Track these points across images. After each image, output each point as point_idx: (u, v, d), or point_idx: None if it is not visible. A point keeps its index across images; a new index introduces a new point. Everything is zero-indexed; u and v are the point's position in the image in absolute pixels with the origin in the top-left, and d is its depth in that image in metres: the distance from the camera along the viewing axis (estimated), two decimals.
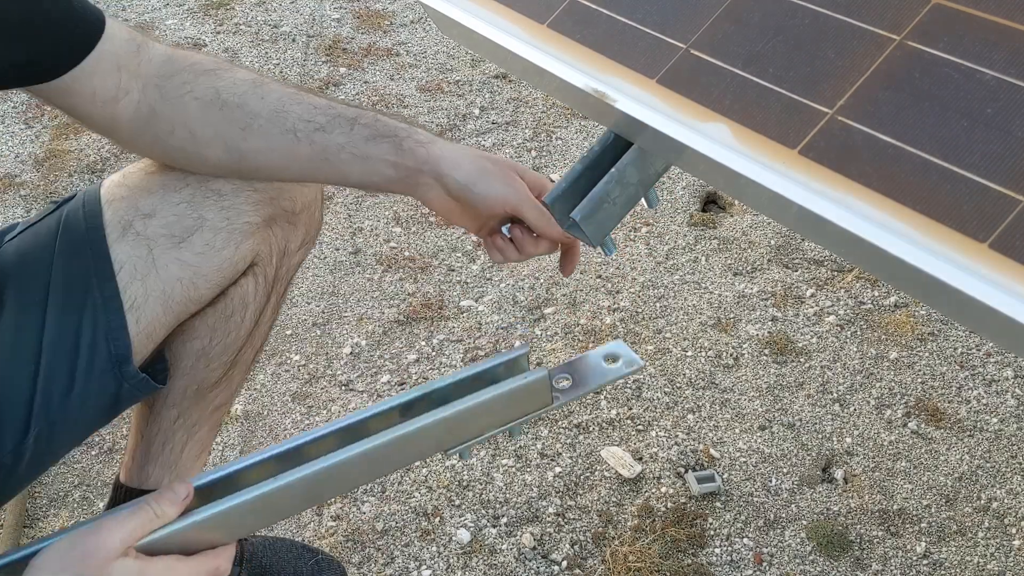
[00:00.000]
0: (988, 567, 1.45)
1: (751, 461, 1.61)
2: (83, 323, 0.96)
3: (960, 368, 1.79)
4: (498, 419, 0.94)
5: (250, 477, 0.88)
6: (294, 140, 0.96)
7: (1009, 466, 1.60)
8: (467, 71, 2.77)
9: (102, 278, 0.97)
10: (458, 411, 0.89)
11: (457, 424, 0.90)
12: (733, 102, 0.76)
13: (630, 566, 1.42)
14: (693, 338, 1.86)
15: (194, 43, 2.91)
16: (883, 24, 0.73)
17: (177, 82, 0.96)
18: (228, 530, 0.84)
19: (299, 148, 0.97)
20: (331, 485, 0.88)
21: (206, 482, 0.87)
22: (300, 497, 0.86)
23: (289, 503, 0.86)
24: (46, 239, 0.99)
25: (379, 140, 0.96)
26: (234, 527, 0.85)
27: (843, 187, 0.67)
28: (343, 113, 0.97)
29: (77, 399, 0.97)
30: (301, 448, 0.90)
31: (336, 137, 0.96)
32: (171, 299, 1.00)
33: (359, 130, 0.97)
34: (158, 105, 0.96)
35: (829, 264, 2.05)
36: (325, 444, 0.90)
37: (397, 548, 1.46)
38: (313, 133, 0.96)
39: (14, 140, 2.43)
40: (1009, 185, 0.62)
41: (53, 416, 0.95)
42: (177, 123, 0.96)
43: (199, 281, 1.01)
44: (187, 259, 0.99)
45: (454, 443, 0.93)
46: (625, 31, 0.86)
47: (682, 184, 2.30)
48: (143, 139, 0.98)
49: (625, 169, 0.87)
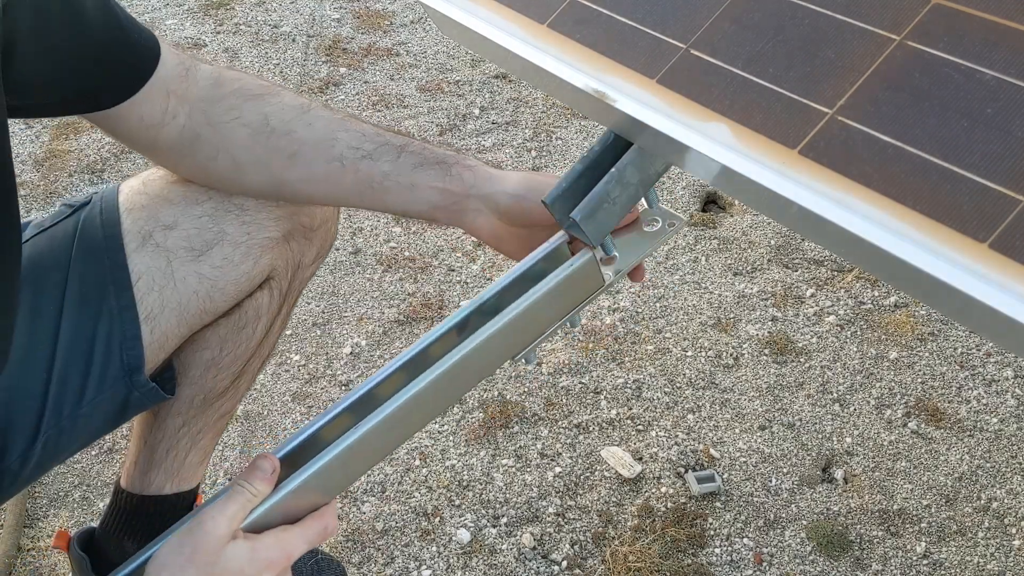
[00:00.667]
0: (988, 567, 1.45)
1: (751, 461, 1.61)
2: (98, 331, 0.96)
3: (960, 368, 1.79)
4: (556, 312, 0.91)
5: (330, 434, 0.87)
6: (340, 168, 0.95)
7: (1009, 466, 1.60)
8: (467, 71, 2.77)
9: (119, 287, 0.96)
10: (516, 315, 0.86)
11: (518, 328, 0.88)
12: (733, 102, 0.76)
13: (630, 566, 1.42)
14: (693, 338, 1.86)
15: (194, 43, 2.91)
16: (883, 24, 0.73)
17: (224, 107, 0.95)
18: (324, 490, 0.84)
19: (344, 176, 0.95)
20: (412, 419, 0.87)
21: (288, 451, 0.87)
22: (386, 439, 0.85)
23: (377, 447, 0.86)
24: (62, 243, 0.98)
25: (426, 167, 0.95)
26: (330, 486, 0.84)
27: (843, 187, 0.67)
28: (390, 141, 0.96)
29: (88, 407, 0.96)
30: (371, 392, 0.89)
31: (382, 165, 0.94)
32: (186, 311, 1.00)
33: (406, 158, 0.95)
34: (203, 130, 0.94)
35: (829, 264, 2.05)
36: (393, 382, 0.89)
37: (397, 548, 1.46)
38: (359, 161, 0.95)
39: (14, 140, 2.43)
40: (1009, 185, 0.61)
41: (63, 423, 0.95)
42: (222, 149, 0.95)
43: (216, 294, 1.01)
44: (205, 272, 0.99)
45: (519, 348, 0.91)
46: (625, 31, 0.86)
47: (682, 184, 2.30)
48: (184, 163, 0.97)
49: (625, 169, 0.87)
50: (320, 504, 0.84)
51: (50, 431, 0.94)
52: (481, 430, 1.65)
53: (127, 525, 1.15)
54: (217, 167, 0.96)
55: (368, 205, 0.98)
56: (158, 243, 0.98)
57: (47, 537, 1.47)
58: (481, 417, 1.68)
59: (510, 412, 1.68)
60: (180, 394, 1.09)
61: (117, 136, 0.94)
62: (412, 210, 0.96)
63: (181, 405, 1.10)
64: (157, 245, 0.97)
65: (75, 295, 0.96)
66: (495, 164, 0.78)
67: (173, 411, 1.11)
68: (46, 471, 1.04)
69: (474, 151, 2.42)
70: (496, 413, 1.68)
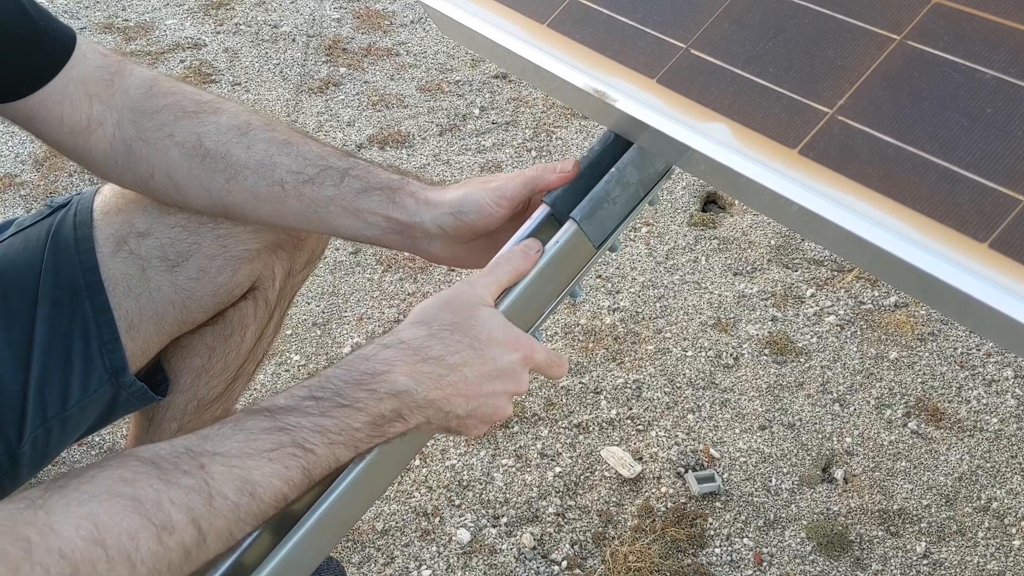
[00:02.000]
0: (988, 567, 1.45)
1: (751, 461, 1.61)
2: (74, 333, 0.95)
3: (960, 368, 1.79)
4: (553, 289, 0.90)
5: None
6: (281, 192, 0.92)
7: (1009, 466, 1.60)
8: (467, 71, 2.77)
9: (92, 290, 0.95)
10: (512, 300, 0.85)
11: (516, 312, 0.87)
12: (733, 102, 0.76)
13: (630, 566, 1.42)
14: (693, 338, 1.86)
15: (194, 43, 2.91)
16: (883, 24, 0.73)
17: (156, 123, 0.92)
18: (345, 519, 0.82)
19: (287, 201, 0.92)
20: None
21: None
22: (413, 442, 0.83)
23: (404, 451, 0.84)
24: (36, 244, 0.98)
25: (369, 193, 0.91)
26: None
27: (843, 187, 0.67)
28: (333, 164, 0.92)
29: (74, 408, 0.96)
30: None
31: (325, 190, 0.91)
32: (163, 320, 0.99)
33: (349, 182, 0.91)
34: (135, 144, 0.92)
35: (829, 264, 2.05)
36: None
37: (397, 548, 1.46)
38: (301, 185, 0.91)
39: (14, 140, 2.43)
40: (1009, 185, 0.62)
41: (50, 423, 0.95)
42: (156, 167, 0.93)
43: (192, 305, 1.00)
44: (181, 284, 0.98)
45: (525, 328, 0.89)
46: (625, 31, 0.86)
47: (682, 184, 2.30)
48: (124, 177, 0.95)
49: (625, 169, 0.87)
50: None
51: (37, 430, 0.94)
52: None
53: None
54: (156, 185, 0.94)
55: (317, 228, 0.95)
56: (132, 250, 0.96)
57: None
58: None
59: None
60: (174, 401, 1.09)
61: (46, 139, 0.92)
62: (363, 235, 0.94)
63: (175, 411, 1.10)
64: (131, 252, 0.96)
65: (48, 297, 0.95)
66: (436, 181, 0.78)
67: (168, 416, 1.10)
68: (42, 468, 1.04)
69: (474, 151, 2.42)
70: None
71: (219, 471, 0.64)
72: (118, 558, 0.58)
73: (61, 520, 0.57)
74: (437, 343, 0.74)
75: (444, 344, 0.74)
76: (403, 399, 0.72)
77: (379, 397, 0.71)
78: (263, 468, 0.65)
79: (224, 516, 0.63)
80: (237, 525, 0.65)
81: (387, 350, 0.73)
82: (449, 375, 0.74)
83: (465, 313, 0.77)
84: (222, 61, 2.83)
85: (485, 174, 2.31)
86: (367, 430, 0.71)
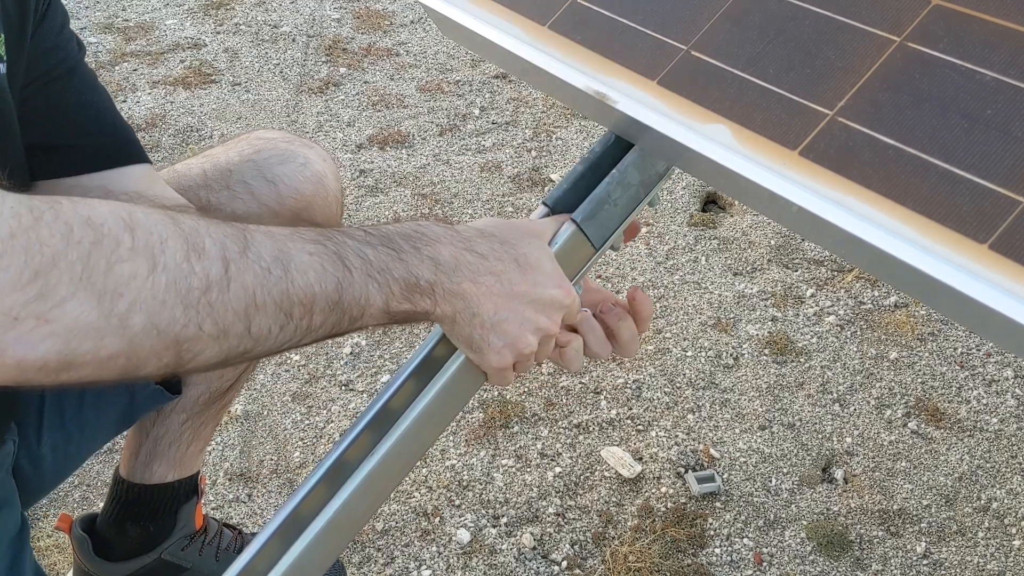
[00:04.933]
0: (988, 567, 1.45)
1: (751, 461, 1.61)
2: None
3: (960, 368, 1.80)
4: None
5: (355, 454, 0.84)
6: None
7: (1009, 466, 1.60)
8: (467, 71, 2.77)
9: None
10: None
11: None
12: (733, 103, 0.76)
13: (630, 566, 1.42)
14: (693, 338, 1.86)
15: (194, 43, 2.91)
16: (883, 25, 0.73)
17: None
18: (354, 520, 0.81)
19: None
20: (445, 410, 0.83)
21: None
22: (430, 433, 0.82)
23: (420, 445, 0.81)
24: None
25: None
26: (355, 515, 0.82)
27: (843, 188, 0.67)
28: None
29: (90, 411, 0.98)
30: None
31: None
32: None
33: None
34: None
35: (829, 264, 2.05)
36: (413, 381, 0.85)
37: (397, 548, 1.46)
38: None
39: None
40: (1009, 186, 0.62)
41: (68, 428, 0.97)
42: None
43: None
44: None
45: None
46: (626, 32, 0.86)
47: (682, 184, 2.30)
48: None
49: (626, 170, 0.87)
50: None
51: (56, 434, 0.96)
52: (481, 430, 1.65)
53: (130, 511, 1.17)
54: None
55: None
56: None
57: (47, 537, 1.47)
58: (481, 417, 1.68)
59: (510, 412, 1.68)
60: (186, 393, 1.10)
61: None
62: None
63: (186, 403, 1.12)
64: None
65: None
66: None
67: (178, 408, 1.12)
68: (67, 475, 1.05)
69: (474, 151, 2.42)
70: (496, 413, 1.68)
71: (260, 238, 0.62)
72: (142, 250, 0.55)
73: (97, 203, 0.55)
74: (485, 245, 0.75)
75: (492, 249, 0.75)
76: (440, 274, 0.72)
77: (421, 258, 0.71)
78: (302, 256, 0.64)
79: (253, 272, 0.61)
80: (261, 293, 0.61)
81: (440, 228, 0.74)
82: (487, 275, 0.74)
83: (521, 236, 0.78)
84: (222, 61, 2.83)
85: (485, 174, 2.31)
86: (401, 284, 0.69)
